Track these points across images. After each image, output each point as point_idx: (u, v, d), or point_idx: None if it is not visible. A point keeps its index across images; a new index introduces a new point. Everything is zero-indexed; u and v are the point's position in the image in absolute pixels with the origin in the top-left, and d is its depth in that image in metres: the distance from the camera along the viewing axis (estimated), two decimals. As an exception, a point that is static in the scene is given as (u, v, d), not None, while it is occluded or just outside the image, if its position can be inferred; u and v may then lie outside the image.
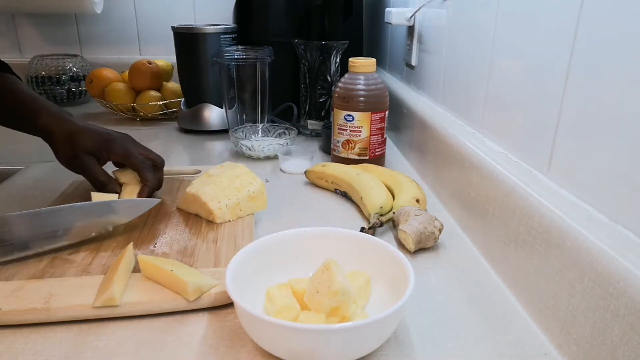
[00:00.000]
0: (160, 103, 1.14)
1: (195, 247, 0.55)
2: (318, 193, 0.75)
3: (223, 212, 0.60)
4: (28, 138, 0.66)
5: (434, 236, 0.56)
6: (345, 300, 0.40)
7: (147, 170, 0.64)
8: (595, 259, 0.36)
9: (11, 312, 0.43)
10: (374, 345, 0.39)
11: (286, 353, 0.39)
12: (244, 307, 0.37)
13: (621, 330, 0.33)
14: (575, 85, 0.43)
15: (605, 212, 0.39)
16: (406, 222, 0.56)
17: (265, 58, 0.96)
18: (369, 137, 0.79)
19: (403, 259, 0.44)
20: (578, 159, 0.42)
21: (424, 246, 0.56)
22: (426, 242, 0.56)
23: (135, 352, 0.40)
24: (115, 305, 0.43)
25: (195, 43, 1.01)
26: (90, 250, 0.53)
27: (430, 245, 0.57)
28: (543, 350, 0.41)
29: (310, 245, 0.49)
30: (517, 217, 0.47)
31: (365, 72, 0.78)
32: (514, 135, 0.54)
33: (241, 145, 0.90)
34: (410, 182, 0.68)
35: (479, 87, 0.62)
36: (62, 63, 1.31)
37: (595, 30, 0.40)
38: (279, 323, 0.36)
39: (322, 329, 0.36)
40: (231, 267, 0.43)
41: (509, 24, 0.55)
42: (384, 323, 0.38)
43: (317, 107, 1.01)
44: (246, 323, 0.40)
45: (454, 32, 0.72)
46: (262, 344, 0.40)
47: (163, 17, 1.39)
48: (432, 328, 0.44)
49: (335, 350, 0.38)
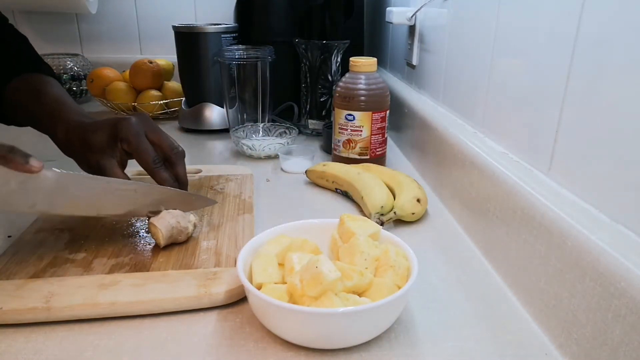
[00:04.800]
0: (161, 102, 1.14)
1: (195, 247, 0.55)
2: (319, 192, 0.75)
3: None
4: (28, 137, 0.65)
5: (186, 231, 0.54)
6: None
7: (159, 171, 0.56)
8: (597, 259, 0.36)
9: (12, 311, 0.43)
10: (382, 328, 0.42)
11: (302, 338, 0.41)
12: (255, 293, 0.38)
13: (622, 331, 0.33)
14: (576, 84, 0.43)
15: (606, 212, 0.39)
16: (159, 216, 0.54)
17: (266, 57, 0.96)
18: (369, 136, 0.79)
19: (406, 248, 0.46)
20: (579, 158, 0.42)
21: (175, 241, 0.54)
22: (177, 237, 0.54)
23: (135, 352, 0.40)
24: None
25: (196, 42, 1.01)
26: (91, 250, 0.53)
27: (183, 240, 0.54)
28: (544, 350, 0.41)
29: (318, 235, 0.51)
30: (518, 217, 0.47)
31: (366, 72, 0.78)
32: (515, 135, 0.54)
33: (242, 144, 0.90)
34: (411, 181, 0.68)
35: (480, 86, 0.62)
36: (63, 62, 1.31)
37: (597, 29, 0.40)
38: (293, 309, 0.38)
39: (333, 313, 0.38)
40: (241, 257, 0.44)
41: (510, 23, 0.55)
42: (392, 305, 0.40)
43: (318, 106, 1.01)
44: (257, 308, 0.42)
45: (455, 31, 0.72)
46: (274, 329, 0.42)
47: (164, 16, 1.39)
48: (432, 328, 0.44)
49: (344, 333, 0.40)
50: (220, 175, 0.76)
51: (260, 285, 0.42)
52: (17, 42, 0.68)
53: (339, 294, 0.40)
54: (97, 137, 0.55)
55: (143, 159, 0.56)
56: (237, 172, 0.78)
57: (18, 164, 0.44)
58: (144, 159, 0.56)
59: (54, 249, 0.53)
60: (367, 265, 0.44)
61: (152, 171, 0.56)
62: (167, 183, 0.56)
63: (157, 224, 0.52)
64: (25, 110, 0.62)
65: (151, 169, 0.56)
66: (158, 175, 0.56)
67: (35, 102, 0.61)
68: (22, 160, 0.45)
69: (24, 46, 0.69)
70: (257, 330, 0.43)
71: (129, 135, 0.55)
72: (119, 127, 0.56)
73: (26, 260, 0.51)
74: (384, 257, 0.45)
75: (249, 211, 0.64)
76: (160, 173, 0.56)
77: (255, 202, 0.67)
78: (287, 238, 0.48)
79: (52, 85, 0.63)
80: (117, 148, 0.56)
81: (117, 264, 0.51)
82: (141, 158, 0.56)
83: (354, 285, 0.42)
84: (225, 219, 0.61)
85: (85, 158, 0.56)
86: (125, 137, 0.55)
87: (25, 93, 0.62)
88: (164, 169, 0.57)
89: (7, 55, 0.65)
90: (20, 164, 0.45)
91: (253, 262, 0.45)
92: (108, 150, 0.56)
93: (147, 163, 0.56)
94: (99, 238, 0.56)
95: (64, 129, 0.57)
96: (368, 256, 0.45)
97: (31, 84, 0.63)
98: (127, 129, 0.56)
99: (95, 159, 0.55)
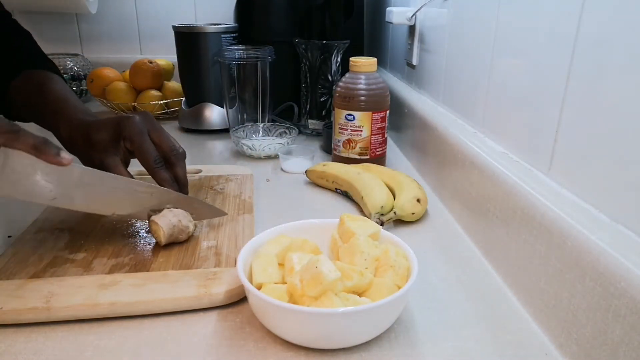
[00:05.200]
0: (161, 102, 1.14)
1: (195, 247, 0.55)
2: (319, 192, 0.75)
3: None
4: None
5: (187, 230, 0.54)
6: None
7: (159, 171, 0.57)
8: (597, 259, 0.36)
9: (12, 312, 0.43)
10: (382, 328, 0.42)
11: (302, 338, 0.41)
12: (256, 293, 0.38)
13: (622, 331, 0.33)
14: (576, 84, 0.43)
15: (606, 212, 0.39)
16: (161, 214, 0.54)
17: (266, 57, 0.96)
18: (369, 136, 0.79)
19: (406, 248, 0.46)
20: (579, 158, 0.42)
21: (176, 240, 0.54)
22: (178, 236, 0.54)
23: (135, 352, 0.40)
24: None
25: (196, 42, 1.01)
26: (91, 250, 0.53)
27: (183, 239, 0.54)
28: (544, 350, 0.41)
29: (318, 235, 0.51)
30: (518, 217, 0.47)
31: (366, 72, 0.78)
32: (515, 135, 0.54)
33: (242, 144, 0.90)
34: (411, 181, 0.68)
35: (480, 86, 0.62)
36: (63, 62, 1.31)
37: (597, 29, 0.40)
38: (293, 309, 0.38)
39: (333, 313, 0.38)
40: (241, 257, 0.44)
41: (510, 23, 0.55)
42: (392, 305, 0.40)
43: (318, 106, 1.01)
44: (257, 308, 0.42)
45: (454, 31, 0.72)
46: (274, 329, 0.42)
47: (164, 16, 1.39)
48: (432, 328, 0.44)
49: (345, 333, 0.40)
50: (220, 176, 0.76)
51: (260, 286, 0.42)
52: (21, 38, 0.69)
53: (339, 294, 0.40)
54: (100, 135, 0.56)
55: (144, 158, 0.56)
56: (237, 172, 0.78)
57: (50, 155, 0.45)
58: (145, 158, 0.56)
59: (54, 249, 0.53)
60: (367, 265, 0.44)
61: (152, 171, 0.56)
62: (166, 183, 0.57)
63: (158, 221, 0.52)
64: (29, 106, 0.62)
65: (152, 169, 0.56)
66: (158, 175, 0.56)
67: (39, 99, 0.61)
68: (54, 152, 0.45)
69: (27, 42, 0.69)
70: (257, 330, 0.43)
71: (132, 134, 0.56)
72: (122, 125, 0.56)
73: (26, 260, 0.51)
74: (384, 257, 0.45)
75: (249, 211, 0.64)
76: (160, 173, 0.57)
77: (255, 202, 0.67)
78: (287, 238, 0.48)
79: (55, 81, 0.63)
80: (120, 146, 0.57)
81: (117, 264, 0.51)
82: (142, 157, 0.56)
83: (354, 285, 0.42)
84: (225, 219, 0.61)
85: (89, 156, 0.57)
86: (129, 136, 0.56)
87: (29, 89, 0.62)
88: (165, 170, 0.57)
89: (11, 51, 0.65)
90: (52, 155, 0.45)
91: (253, 262, 0.45)
92: (111, 148, 0.56)
93: (148, 162, 0.56)
94: (99, 238, 0.56)
95: (67, 127, 0.58)
96: (368, 256, 0.45)
97: (35, 81, 0.63)
98: (130, 128, 0.56)
99: (99, 157, 0.55)
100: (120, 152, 0.57)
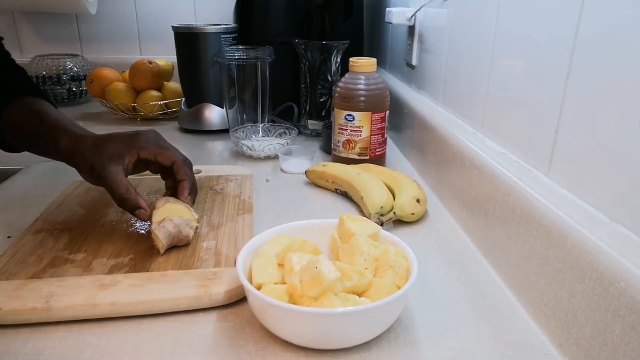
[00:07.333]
0: (160, 103, 1.14)
1: (195, 247, 0.55)
2: (318, 193, 0.75)
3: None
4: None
5: (187, 239, 0.54)
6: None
7: (185, 165, 0.59)
8: (596, 259, 0.36)
9: (12, 312, 0.43)
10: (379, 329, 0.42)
11: (302, 338, 0.41)
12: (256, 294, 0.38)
13: (622, 330, 0.33)
14: (576, 84, 0.43)
15: (605, 212, 0.39)
16: (160, 224, 0.53)
17: (265, 58, 0.96)
18: (369, 136, 0.79)
19: (406, 248, 0.46)
20: (579, 158, 0.42)
21: (176, 245, 0.55)
22: (177, 243, 0.54)
23: (135, 352, 0.40)
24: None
25: (195, 43, 1.01)
26: (90, 250, 0.53)
27: (183, 244, 0.55)
28: (544, 350, 0.41)
29: (318, 235, 0.51)
30: (518, 217, 0.47)
31: (366, 72, 0.78)
32: (514, 135, 0.54)
33: (242, 145, 0.90)
34: (410, 181, 0.68)
35: (479, 86, 0.62)
36: (63, 63, 1.31)
37: (596, 29, 0.40)
38: (293, 309, 0.38)
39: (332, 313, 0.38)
40: (241, 258, 0.44)
41: (510, 23, 0.55)
42: (392, 305, 0.40)
43: (317, 106, 1.01)
44: (257, 308, 0.42)
45: (454, 31, 0.72)
46: (274, 329, 0.42)
47: (163, 16, 1.39)
48: (432, 328, 0.44)
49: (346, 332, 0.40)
50: (220, 176, 0.76)
51: (260, 286, 0.42)
52: (13, 68, 0.69)
53: (338, 294, 0.40)
54: (111, 145, 0.57)
55: (170, 155, 0.59)
56: (237, 172, 0.78)
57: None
58: (170, 155, 0.59)
59: (54, 249, 0.53)
60: (366, 266, 0.44)
61: (179, 164, 0.59)
62: (189, 178, 0.59)
63: (158, 233, 0.52)
64: (24, 127, 0.63)
65: (181, 161, 0.59)
66: (183, 169, 0.59)
67: (35, 121, 0.62)
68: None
69: (21, 76, 0.69)
70: (257, 330, 0.43)
71: (147, 143, 0.59)
72: (136, 137, 0.59)
73: (26, 261, 0.51)
74: (384, 257, 0.45)
75: (249, 211, 0.64)
76: (185, 168, 0.59)
77: (255, 202, 0.67)
78: (287, 238, 0.48)
79: (51, 108, 0.65)
80: (126, 159, 0.57)
81: (116, 265, 0.51)
82: (168, 156, 0.59)
83: (354, 285, 0.42)
84: (225, 220, 0.61)
85: (90, 164, 0.56)
86: (144, 146, 0.59)
87: (25, 114, 0.63)
88: (187, 165, 0.60)
89: (2, 83, 0.66)
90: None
91: (253, 262, 0.45)
92: (118, 158, 0.57)
93: (178, 157, 0.59)
94: (98, 238, 0.56)
95: (67, 140, 0.58)
96: (368, 256, 0.45)
97: (30, 104, 0.64)
98: (146, 138, 0.59)
99: (101, 164, 0.56)
100: (124, 164, 0.58)
